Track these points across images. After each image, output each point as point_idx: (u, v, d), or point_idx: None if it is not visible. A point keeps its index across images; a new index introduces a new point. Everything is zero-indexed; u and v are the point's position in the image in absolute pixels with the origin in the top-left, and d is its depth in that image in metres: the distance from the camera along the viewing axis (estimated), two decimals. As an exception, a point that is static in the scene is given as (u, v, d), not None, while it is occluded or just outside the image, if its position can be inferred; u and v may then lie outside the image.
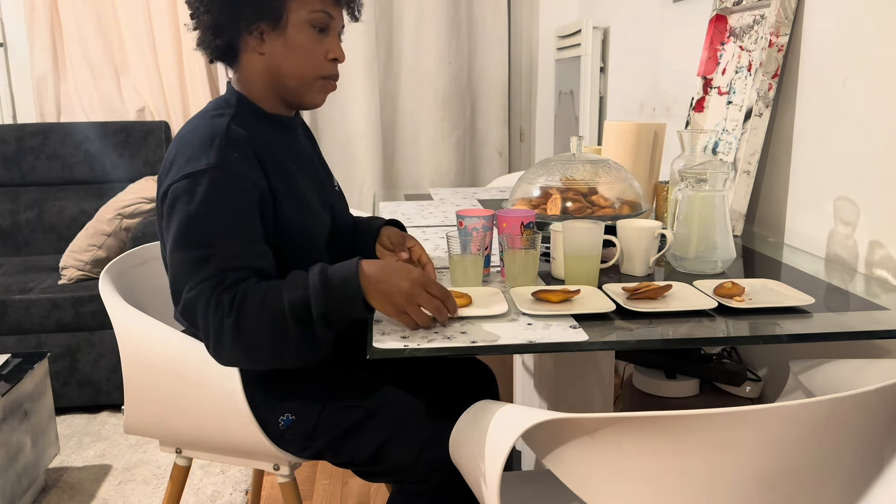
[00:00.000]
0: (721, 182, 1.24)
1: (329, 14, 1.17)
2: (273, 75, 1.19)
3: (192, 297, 1.06)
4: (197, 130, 1.14)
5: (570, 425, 0.76)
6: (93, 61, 3.07)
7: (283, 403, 1.21)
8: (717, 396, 1.72)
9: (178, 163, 1.11)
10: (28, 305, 2.36)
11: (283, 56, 1.17)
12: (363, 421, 1.19)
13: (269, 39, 1.16)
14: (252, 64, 1.19)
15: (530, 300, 1.09)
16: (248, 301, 1.03)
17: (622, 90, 2.65)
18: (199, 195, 1.07)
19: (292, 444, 1.23)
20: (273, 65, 1.18)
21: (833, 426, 0.76)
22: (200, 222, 1.07)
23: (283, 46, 1.16)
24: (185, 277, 1.07)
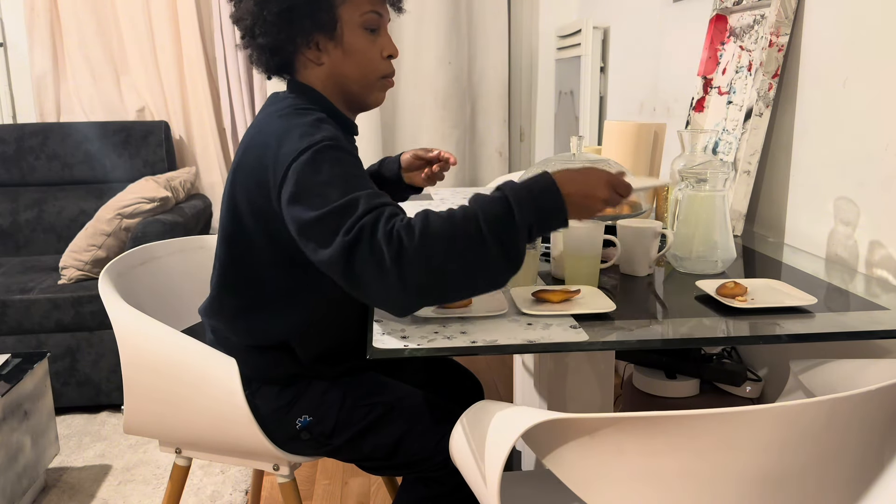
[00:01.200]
0: (721, 182, 1.24)
1: (378, 13, 1.17)
2: (335, 83, 1.18)
3: (350, 240, 0.93)
4: (291, 120, 1.09)
5: (570, 425, 0.76)
6: (93, 61, 3.07)
7: (299, 405, 1.22)
8: (717, 396, 1.72)
9: (287, 145, 1.04)
10: (28, 305, 2.36)
11: (342, 63, 1.16)
12: (383, 416, 1.22)
13: (326, 49, 1.16)
14: (313, 75, 1.18)
15: (530, 300, 1.09)
16: (430, 222, 0.93)
17: (622, 90, 2.65)
18: (326, 161, 1.01)
19: (308, 443, 1.24)
20: (334, 73, 1.17)
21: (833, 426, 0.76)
22: (338, 181, 1.00)
23: (342, 53, 1.16)
24: (335, 227, 0.96)
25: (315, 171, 1.01)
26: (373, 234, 0.93)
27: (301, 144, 1.03)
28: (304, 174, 1.01)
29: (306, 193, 1.00)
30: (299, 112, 1.11)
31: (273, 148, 1.06)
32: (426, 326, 1.01)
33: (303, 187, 1.00)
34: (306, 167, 1.01)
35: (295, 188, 1.01)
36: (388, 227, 0.93)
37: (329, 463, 2.14)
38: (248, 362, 1.22)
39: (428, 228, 0.92)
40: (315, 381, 1.24)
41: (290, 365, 1.22)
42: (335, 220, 0.96)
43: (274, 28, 1.13)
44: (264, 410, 1.22)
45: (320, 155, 1.02)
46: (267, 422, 1.23)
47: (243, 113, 3.13)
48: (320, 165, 1.01)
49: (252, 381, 1.23)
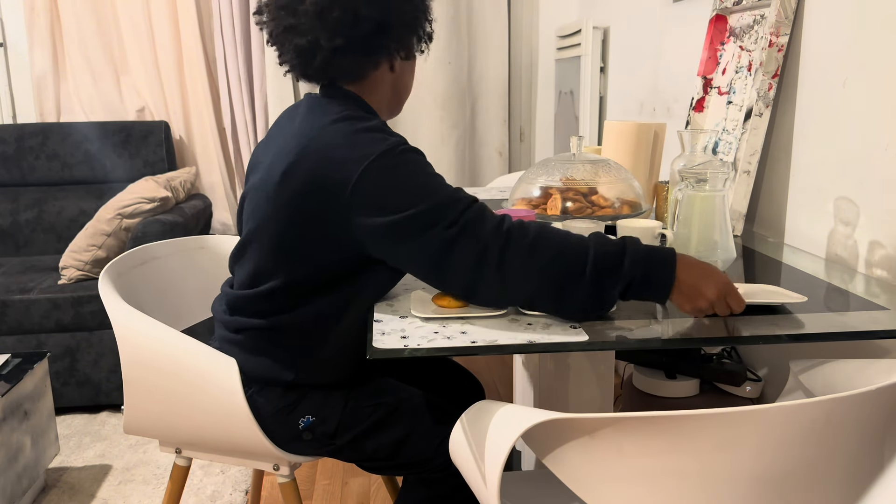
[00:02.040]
0: (721, 182, 1.24)
1: None
2: (396, 92, 1.24)
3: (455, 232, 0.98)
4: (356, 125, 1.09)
5: (570, 425, 0.76)
6: (93, 61, 3.07)
7: (302, 406, 1.22)
8: (717, 396, 1.72)
9: (358, 149, 1.05)
10: (28, 305, 2.36)
11: (407, 76, 1.25)
12: (386, 417, 1.22)
13: (399, 63, 1.21)
14: (379, 81, 1.20)
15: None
16: (546, 229, 1.00)
17: (622, 90, 2.65)
18: (410, 162, 1.04)
19: (310, 443, 1.24)
20: (398, 84, 1.24)
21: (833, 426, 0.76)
22: (428, 179, 1.03)
23: (406, 69, 1.24)
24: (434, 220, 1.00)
25: (400, 172, 1.03)
26: (481, 225, 0.99)
27: (378, 147, 1.04)
28: (389, 176, 1.02)
29: (394, 193, 1.02)
30: (357, 118, 1.11)
31: (343, 151, 1.05)
32: (426, 326, 1.01)
33: (388, 188, 1.02)
34: (390, 169, 1.03)
35: (378, 189, 1.02)
36: (496, 221, 1.00)
37: (329, 463, 2.14)
38: (255, 364, 1.21)
39: (544, 231, 0.99)
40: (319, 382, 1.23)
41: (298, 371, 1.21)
42: (436, 213, 1.00)
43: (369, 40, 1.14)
44: (267, 410, 1.22)
45: (402, 157, 1.04)
46: (269, 421, 1.23)
47: (243, 113, 3.13)
48: (406, 167, 1.04)
49: (256, 380, 1.22)
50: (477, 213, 1.00)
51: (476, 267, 0.99)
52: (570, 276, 0.97)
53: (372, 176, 1.02)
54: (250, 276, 1.19)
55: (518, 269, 0.98)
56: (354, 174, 1.03)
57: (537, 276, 0.98)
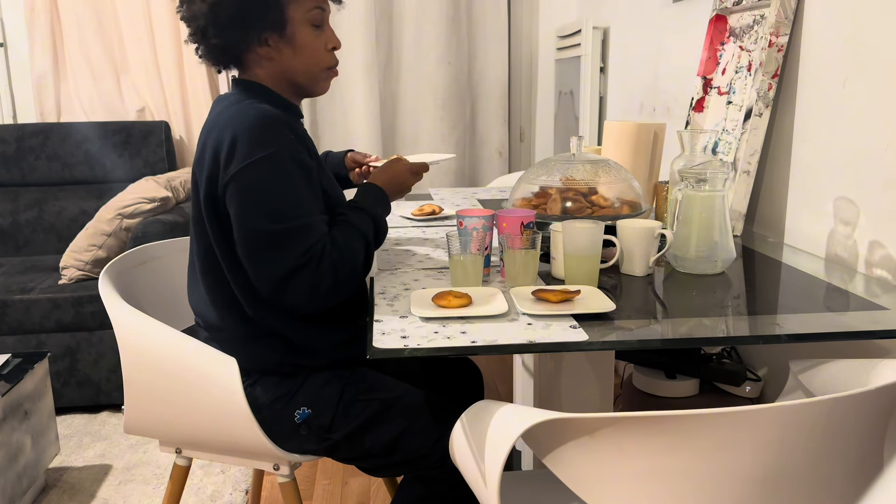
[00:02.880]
0: (721, 182, 1.24)
1: (321, 8, 1.24)
2: (284, 76, 1.25)
3: (300, 263, 1.09)
4: (247, 116, 1.15)
5: (570, 425, 0.76)
6: (93, 61, 3.07)
7: (298, 398, 1.23)
8: (717, 396, 1.72)
9: (240, 148, 1.12)
10: (28, 305, 2.36)
11: (292, 58, 1.23)
12: (381, 412, 1.23)
13: (275, 46, 1.22)
14: (262, 69, 1.25)
15: (530, 300, 1.09)
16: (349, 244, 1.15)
17: (622, 90, 2.65)
18: (277, 176, 1.12)
19: (307, 439, 1.24)
20: (283, 67, 1.24)
21: (833, 426, 0.76)
22: (286, 200, 1.12)
23: (291, 49, 1.23)
24: (285, 245, 1.10)
25: (265, 181, 1.11)
26: (320, 263, 1.10)
27: (254, 154, 1.11)
28: (253, 184, 1.11)
29: (258, 205, 1.11)
30: (246, 106, 1.17)
31: (224, 152, 1.13)
32: (426, 326, 1.02)
33: (254, 199, 1.11)
34: (258, 178, 1.11)
35: (245, 197, 1.11)
36: (331, 259, 1.11)
37: (329, 463, 2.14)
38: (244, 353, 1.23)
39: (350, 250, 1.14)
40: (314, 373, 1.24)
41: (287, 354, 1.23)
42: (288, 240, 1.10)
43: (227, 30, 1.20)
44: (263, 401, 1.23)
45: (273, 168, 1.11)
46: (266, 414, 1.23)
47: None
48: (273, 178, 1.11)
49: (251, 372, 1.24)
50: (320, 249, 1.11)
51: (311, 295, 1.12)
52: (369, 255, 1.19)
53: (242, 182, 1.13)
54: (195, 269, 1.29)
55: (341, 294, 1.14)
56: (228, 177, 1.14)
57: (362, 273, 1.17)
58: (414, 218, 1.77)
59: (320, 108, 3.25)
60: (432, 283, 1.23)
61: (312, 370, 1.25)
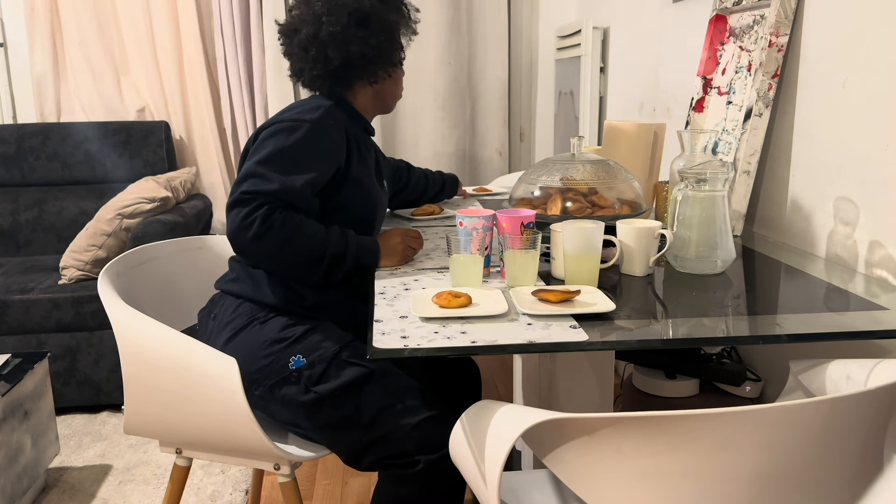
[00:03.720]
0: (721, 182, 1.24)
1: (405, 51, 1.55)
2: (379, 101, 1.54)
3: (248, 199, 1.25)
4: (306, 102, 1.42)
5: (570, 425, 0.76)
6: (93, 61, 3.07)
7: (296, 344, 1.30)
8: (717, 396, 1.72)
9: (287, 113, 1.37)
10: (28, 305, 2.36)
11: (391, 89, 1.55)
12: (369, 378, 1.26)
13: (383, 78, 1.50)
14: (361, 92, 1.51)
15: (531, 300, 1.09)
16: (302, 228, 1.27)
17: (622, 90, 2.65)
18: (297, 134, 1.32)
19: (296, 386, 1.27)
20: (381, 94, 1.53)
21: (833, 426, 0.76)
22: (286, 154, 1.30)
23: (391, 82, 1.54)
24: (250, 182, 1.27)
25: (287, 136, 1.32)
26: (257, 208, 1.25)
27: (294, 116, 1.35)
28: (280, 133, 1.32)
29: (269, 145, 1.31)
30: (318, 98, 1.44)
31: (270, 120, 1.38)
32: (426, 326, 1.02)
33: (271, 139, 1.31)
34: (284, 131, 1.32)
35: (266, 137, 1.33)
36: (269, 212, 1.24)
37: (329, 463, 2.14)
38: (268, 290, 1.36)
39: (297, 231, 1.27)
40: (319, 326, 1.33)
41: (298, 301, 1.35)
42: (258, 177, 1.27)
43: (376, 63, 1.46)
44: (268, 337, 1.31)
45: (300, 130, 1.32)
46: (266, 350, 1.29)
47: (243, 113, 3.13)
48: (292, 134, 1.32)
49: (266, 308, 1.35)
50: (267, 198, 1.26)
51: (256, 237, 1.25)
52: (312, 266, 1.29)
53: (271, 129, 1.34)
54: None
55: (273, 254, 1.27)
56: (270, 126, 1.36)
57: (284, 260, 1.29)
58: (414, 218, 1.77)
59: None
60: (432, 283, 1.23)
61: (319, 323, 1.34)
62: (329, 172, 1.35)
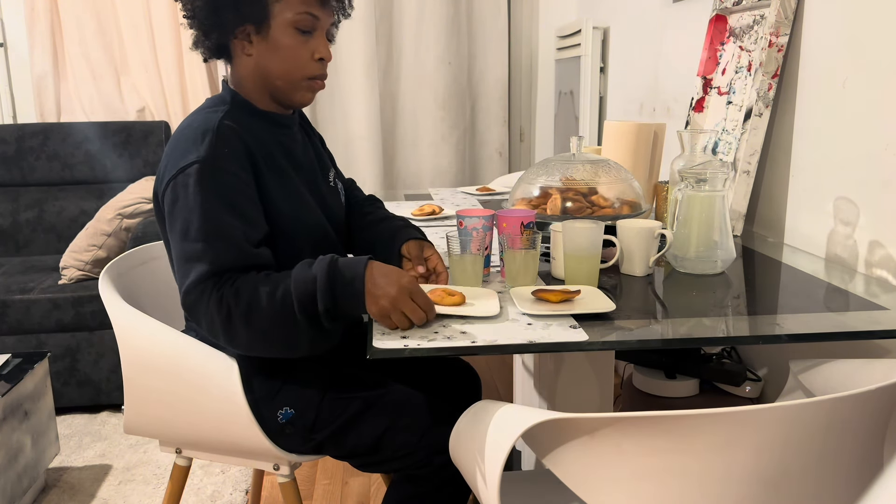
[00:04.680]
0: (721, 182, 1.24)
1: (314, 15, 1.19)
2: (261, 76, 1.21)
3: (193, 298, 1.07)
4: (190, 126, 1.17)
5: (570, 425, 0.76)
6: (93, 61, 3.07)
7: (280, 397, 1.23)
8: (717, 396, 1.72)
9: (171, 160, 1.14)
10: (28, 305, 2.36)
11: (268, 57, 1.19)
12: (363, 411, 1.22)
13: (255, 41, 1.19)
14: (242, 64, 1.22)
15: (530, 300, 1.09)
16: (258, 293, 1.05)
17: (622, 90, 2.65)
18: (190, 189, 1.09)
19: (294, 438, 1.24)
20: (260, 65, 1.20)
21: (833, 426, 0.76)
22: (196, 217, 1.09)
23: (269, 48, 1.19)
24: (184, 274, 1.09)
25: (182, 196, 1.10)
26: (208, 301, 1.06)
27: (178, 164, 1.12)
28: (175, 198, 1.11)
29: (176, 218, 1.11)
30: (208, 113, 1.19)
31: (162, 163, 1.17)
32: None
33: (174, 210, 1.11)
34: (177, 190, 1.11)
35: (170, 209, 1.12)
36: (220, 295, 1.06)
37: (329, 463, 2.14)
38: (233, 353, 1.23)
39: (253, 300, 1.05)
40: (296, 373, 1.24)
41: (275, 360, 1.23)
42: (185, 265, 1.09)
43: (202, 11, 1.18)
44: (249, 401, 1.23)
45: (189, 179, 1.10)
46: (256, 412, 1.23)
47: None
48: (186, 191, 1.10)
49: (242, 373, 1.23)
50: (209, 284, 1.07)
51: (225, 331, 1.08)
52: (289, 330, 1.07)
53: (167, 194, 1.13)
54: None
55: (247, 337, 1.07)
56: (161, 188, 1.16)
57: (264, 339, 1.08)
58: (414, 218, 1.77)
59: (320, 109, 3.25)
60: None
61: (295, 370, 1.24)
62: (256, 199, 1.15)
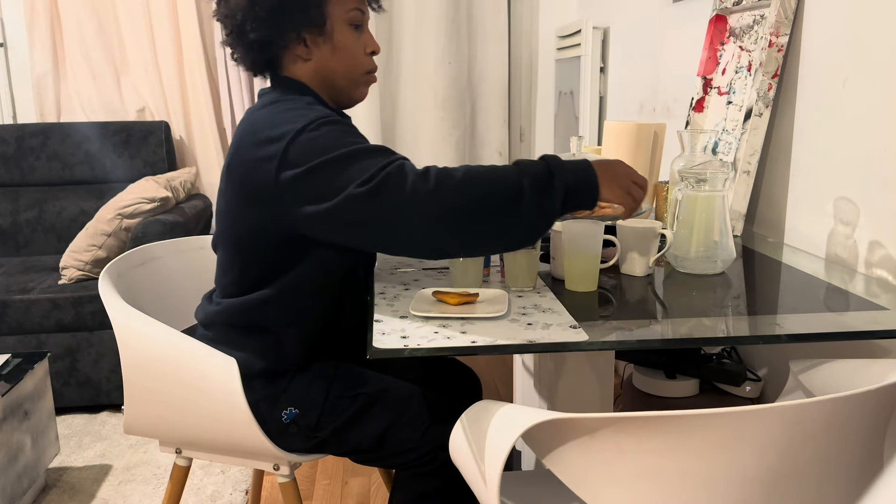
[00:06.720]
0: (721, 182, 1.24)
1: (362, 10, 1.22)
2: (322, 78, 1.22)
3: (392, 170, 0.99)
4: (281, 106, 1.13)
5: (570, 425, 0.76)
6: (93, 61, 3.07)
7: (284, 398, 1.23)
8: (717, 396, 1.72)
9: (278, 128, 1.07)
10: (28, 305, 2.36)
11: (330, 59, 1.21)
12: (366, 407, 1.22)
13: (314, 45, 1.20)
14: (300, 71, 1.22)
15: (430, 301, 1.09)
16: (471, 169, 1.00)
17: (622, 90, 2.65)
18: (329, 132, 1.05)
19: (296, 437, 1.24)
20: (321, 68, 1.21)
21: (833, 426, 0.76)
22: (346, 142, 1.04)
23: (330, 50, 1.20)
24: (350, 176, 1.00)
25: (318, 143, 1.04)
26: (402, 179, 0.98)
27: (296, 124, 1.06)
28: (307, 148, 1.04)
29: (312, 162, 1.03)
30: (287, 100, 1.16)
31: (266, 131, 1.09)
32: (426, 326, 1.02)
33: (307, 159, 1.03)
34: (308, 142, 1.04)
35: (298, 161, 1.04)
36: (420, 171, 0.99)
37: (329, 463, 2.14)
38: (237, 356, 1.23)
39: (470, 169, 1.00)
40: (300, 373, 1.24)
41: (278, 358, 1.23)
42: (352, 172, 1.00)
43: (265, 24, 1.17)
44: (250, 401, 1.23)
45: (320, 129, 1.06)
46: (257, 413, 1.23)
47: (243, 113, 3.13)
48: (323, 137, 1.05)
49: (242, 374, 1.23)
50: (397, 168, 1.00)
51: (405, 218, 0.99)
52: (508, 203, 0.99)
53: (292, 151, 1.05)
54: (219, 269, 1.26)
55: (455, 210, 0.98)
56: (277, 153, 1.05)
57: (477, 213, 0.98)
58: None
59: (320, 108, 3.25)
60: (432, 283, 1.23)
61: (299, 370, 1.24)
62: None
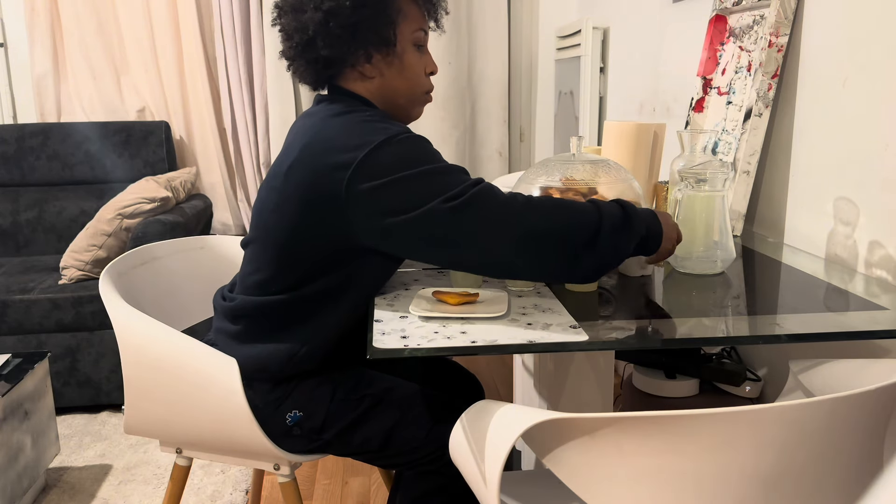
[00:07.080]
0: (721, 182, 1.24)
1: (425, 31, 1.23)
2: (385, 97, 1.22)
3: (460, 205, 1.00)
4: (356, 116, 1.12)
5: (570, 425, 0.76)
6: (93, 61, 3.07)
7: (288, 402, 1.23)
8: (717, 396, 1.72)
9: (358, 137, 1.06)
10: (28, 305, 2.36)
11: (394, 77, 1.20)
12: (371, 408, 1.22)
13: (379, 64, 1.19)
14: (359, 87, 1.21)
15: (431, 300, 1.09)
16: (555, 201, 1.03)
17: (622, 90, 2.65)
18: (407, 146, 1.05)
19: (300, 439, 1.25)
20: (385, 86, 1.21)
21: (833, 426, 0.76)
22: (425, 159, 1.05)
23: (397, 70, 1.20)
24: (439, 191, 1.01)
25: (401, 156, 1.04)
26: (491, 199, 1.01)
27: (378, 137, 1.05)
28: (388, 161, 1.03)
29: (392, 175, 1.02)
30: (359, 111, 1.14)
31: (342, 139, 1.07)
32: (426, 326, 1.02)
33: (387, 172, 1.03)
34: (389, 154, 1.04)
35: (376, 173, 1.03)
36: (506, 195, 1.02)
37: (329, 463, 2.14)
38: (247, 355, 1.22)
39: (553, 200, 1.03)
40: (306, 377, 1.24)
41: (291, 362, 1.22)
42: (438, 187, 1.01)
43: (338, 40, 1.15)
44: (255, 404, 1.23)
45: (403, 144, 1.05)
46: (259, 416, 1.23)
47: (243, 113, 3.13)
48: (407, 153, 1.05)
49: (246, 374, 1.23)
50: (487, 187, 1.03)
51: (489, 237, 1.01)
52: (589, 235, 1.02)
53: (370, 161, 1.04)
54: (250, 265, 1.22)
55: (538, 235, 1.01)
56: (355, 160, 1.04)
57: (559, 240, 1.01)
58: None
59: (320, 108, 3.25)
60: (432, 283, 1.23)
61: (303, 374, 1.23)
62: None
